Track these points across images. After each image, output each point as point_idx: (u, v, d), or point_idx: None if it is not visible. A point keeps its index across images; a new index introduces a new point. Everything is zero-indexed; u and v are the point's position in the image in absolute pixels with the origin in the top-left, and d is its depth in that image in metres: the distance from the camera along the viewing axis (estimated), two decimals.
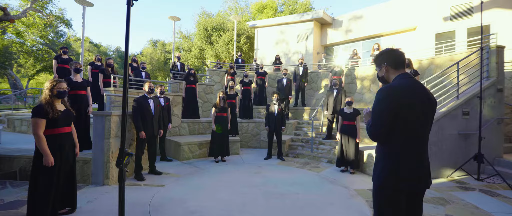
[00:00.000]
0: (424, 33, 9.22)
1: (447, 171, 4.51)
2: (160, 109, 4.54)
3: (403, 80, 1.42)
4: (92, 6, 10.68)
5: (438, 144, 4.45)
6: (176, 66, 8.22)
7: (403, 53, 1.52)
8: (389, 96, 1.37)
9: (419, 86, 1.42)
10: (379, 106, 1.40)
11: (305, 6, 19.02)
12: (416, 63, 6.67)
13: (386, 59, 1.52)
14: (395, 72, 1.50)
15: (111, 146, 3.89)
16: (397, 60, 1.49)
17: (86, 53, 32.33)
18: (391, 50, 1.53)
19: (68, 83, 4.26)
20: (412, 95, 1.37)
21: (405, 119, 1.35)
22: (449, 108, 4.57)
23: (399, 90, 1.37)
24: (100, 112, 3.89)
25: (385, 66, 1.52)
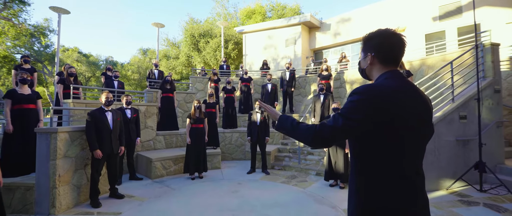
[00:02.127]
0: (414, 34, 8.96)
1: (446, 182, 4.05)
2: (121, 122, 3.98)
3: (391, 81, 0.98)
4: (68, 13, 10.12)
5: (435, 152, 4.00)
6: (153, 74, 7.68)
7: (404, 44, 1.02)
8: (367, 100, 0.92)
9: (412, 88, 0.99)
10: (349, 105, 0.95)
11: (294, 11, 18.84)
12: (407, 64, 6.30)
13: (375, 46, 1.03)
14: (382, 69, 1.03)
15: (57, 169, 3.30)
16: (390, 52, 1.01)
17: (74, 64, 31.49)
18: (387, 33, 1.01)
19: (12, 96, 3.71)
20: (401, 103, 0.92)
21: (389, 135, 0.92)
22: (444, 112, 4.15)
23: (385, 93, 0.92)
24: (43, 129, 3.32)
25: (370, 57, 1.04)
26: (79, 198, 3.63)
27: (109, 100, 3.75)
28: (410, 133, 0.93)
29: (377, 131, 0.92)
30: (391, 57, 1.02)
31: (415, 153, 0.96)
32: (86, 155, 3.71)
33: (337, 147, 4.26)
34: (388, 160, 0.93)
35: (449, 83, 4.50)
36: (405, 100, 0.94)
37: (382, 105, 0.90)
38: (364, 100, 0.92)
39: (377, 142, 0.94)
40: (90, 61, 35.46)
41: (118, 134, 3.87)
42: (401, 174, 0.93)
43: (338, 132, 0.93)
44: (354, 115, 0.92)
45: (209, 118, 6.00)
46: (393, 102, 0.91)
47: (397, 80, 0.98)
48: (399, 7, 9.42)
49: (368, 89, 0.95)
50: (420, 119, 0.96)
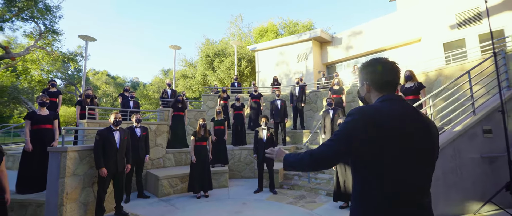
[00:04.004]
0: (431, 44, 8.55)
1: (474, 205, 3.59)
2: (128, 141, 4.12)
3: (386, 103, 1.01)
4: (94, 40, 11.10)
5: (457, 171, 3.60)
6: (166, 93, 8.00)
7: (395, 68, 1.06)
8: (360, 119, 0.94)
9: (411, 112, 0.99)
10: (345, 126, 0.97)
11: (306, 27, 19.06)
12: (422, 75, 5.95)
13: (368, 75, 1.10)
14: (379, 94, 1.08)
15: (66, 187, 3.44)
16: (383, 80, 1.06)
17: (103, 85, 34.00)
18: (378, 63, 1.08)
19: (31, 117, 4.03)
20: (398, 124, 0.93)
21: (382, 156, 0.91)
22: (465, 126, 3.78)
23: (379, 114, 0.95)
24: (54, 148, 3.52)
25: (367, 85, 1.11)
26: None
27: (117, 120, 3.92)
28: (405, 157, 0.91)
29: (371, 152, 0.92)
30: (385, 84, 1.06)
31: (414, 179, 0.92)
32: (94, 173, 3.85)
33: (345, 165, 4.01)
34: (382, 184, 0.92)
35: (468, 93, 4.14)
36: (399, 120, 0.93)
37: (373, 125, 0.91)
38: (358, 120, 0.94)
39: (370, 165, 0.94)
40: (117, 82, 38.20)
41: (124, 153, 3.99)
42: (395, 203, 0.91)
43: (334, 154, 0.96)
44: (347, 135, 0.94)
45: (217, 135, 6.03)
46: (385, 122, 0.92)
47: (392, 103, 1.00)
48: (413, 18, 9.13)
49: (361, 109, 0.97)
50: (417, 142, 0.94)
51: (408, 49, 9.47)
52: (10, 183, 4.07)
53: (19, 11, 8.55)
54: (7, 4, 8.21)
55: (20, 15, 8.79)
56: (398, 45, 9.76)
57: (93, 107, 5.37)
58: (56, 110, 6.25)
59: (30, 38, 10.12)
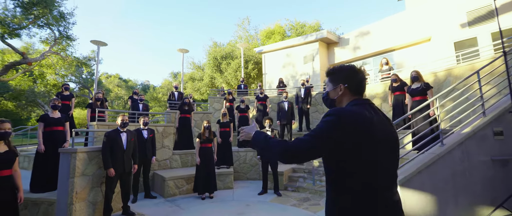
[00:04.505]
0: (441, 43, 8.32)
1: (484, 210, 3.46)
2: (135, 143, 4.24)
3: (360, 107, 1.06)
4: (106, 45, 11.47)
5: (466, 174, 3.49)
6: (173, 96, 8.16)
7: (364, 77, 1.21)
8: (337, 119, 0.99)
9: (380, 117, 1.07)
10: (321, 126, 1.01)
11: (313, 28, 18.96)
12: (431, 76, 5.81)
13: (347, 79, 1.15)
14: (351, 98, 1.15)
15: (75, 186, 3.58)
16: (360, 85, 1.16)
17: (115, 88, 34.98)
18: (354, 69, 1.17)
19: (44, 119, 4.22)
20: (370, 127, 0.99)
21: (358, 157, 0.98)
22: (474, 127, 3.66)
23: (354, 116, 1.00)
24: (65, 149, 3.67)
25: (343, 87, 1.15)
26: (94, 215, 3.84)
27: (124, 122, 4.05)
28: (378, 158, 0.98)
29: (348, 151, 0.97)
30: (359, 89, 1.15)
31: (388, 176, 1.01)
32: (102, 173, 3.98)
33: None
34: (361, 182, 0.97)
35: (477, 94, 4.01)
36: (373, 123, 0.99)
37: (351, 125, 0.96)
38: (335, 120, 0.98)
39: (349, 163, 0.98)
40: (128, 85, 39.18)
41: (131, 154, 4.11)
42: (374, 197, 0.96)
43: (309, 150, 0.97)
44: (325, 134, 0.97)
45: (223, 137, 6.09)
46: (362, 124, 0.97)
47: (365, 106, 1.06)
48: (422, 17, 8.92)
49: (340, 110, 1.02)
50: (389, 143, 1.02)
51: (417, 49, 9.25)
52: (24, 182, 4.28)
53: (35, 19, 9.01)
54: (24, 12, 8.68)
55: (36, 22, 9.27)
56: (406, 45, 9.55)
57: (103, 109, 5.55)
58: (69, 112, 6.52)
59: (46, 44, 10.62)
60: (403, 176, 3.33)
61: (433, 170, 3.40)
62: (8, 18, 8.67)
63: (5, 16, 8.68)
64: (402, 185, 3.29)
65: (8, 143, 2.50)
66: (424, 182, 3.31)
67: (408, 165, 3.66)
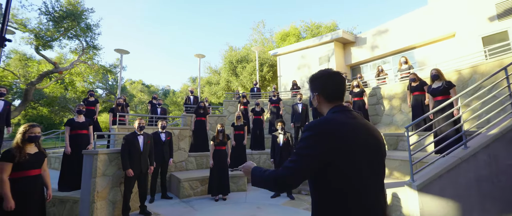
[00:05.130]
0: (466, 39, 7.76)
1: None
2: (151, 145, 4.44)
3: (338, 114, 1.05)
4: (128, 53, 12.15)
5: (493, 179, 3.22)
6: (189, 100, 8.42)
7: (342, 79, 1.13)
8: (316, 134, 0.97)
9: (361, 123, 1.04)
10: (301, 144, 0.99)
11: (330, 29, 18.60)
12: (454, 74, 5.44)
13: (319, 87, 1.14)
14: (329, 104, 1.12)
15: (97, 186, 3.83)
16: (332, 91, 1.11)
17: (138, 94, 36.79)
18: (327, 74, 1.13)
19: (70, 123, 4.56)
20: (351, 135, 0.97)
21: (342, 168, 0.95)
22: (502, 128, 3.37)
23: (333, 126, 0.98)
24: (88, 151, 3.94)
25: (316, 96, 1.15)
26: (114, 213, 4.07)
27: (140, 126, 4.26)
28: (362, 163, 0.95)
29: (332, 164, 0.94)
30: (333, 94, 1.11)
31: (374, 190, 0.98)
32: (121, 174, 4.21)
33: None
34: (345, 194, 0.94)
35: (506, 92, 3.69)
36: (353, 130, 0.98)
37: (331, 138, 0.94)
38: (315, 135, 0.96)
39: (332, 176, 0.95)
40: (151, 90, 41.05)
41: (147, 156, 4.31)
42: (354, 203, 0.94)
43: (295, 175, 0.95)
44: (308, 152, 0.95)
45: (237, 140, 6.17)
46: (342, 134, 0.96)
47: (344, 114, 1.04)
48: (446, 11, 8.40)
49: (318, 124, 0.99)
50: (371, 150, 0.99)
51: (440, 45, 8.71)
52: (53, 181, 4.64)
53: (65, 31, 9.86)
54: (56, 25, 9.53)
55: (66, 34, 10.14)
56: (429, 42, 9.04)
57: (123, 114, 5.89)
58: (94, 117, 6.98)
59: (75, 54, 11.55)
60: (421, 181, 3.16)
61: (455, 174, 3.19)
62: (42, 32, 9.60)
63: (40, 30, 9.62)
64: (420, 190, 3.12)
65: (38, 145, 2.75)
66: (444, 187, 3.11)
67: (428, 169, 3.46)
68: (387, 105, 6.98)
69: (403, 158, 4.60)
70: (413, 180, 3.26)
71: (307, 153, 0.95)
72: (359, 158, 0.95)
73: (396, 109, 6.71)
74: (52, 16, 9.44)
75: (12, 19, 10.48)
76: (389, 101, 6.94)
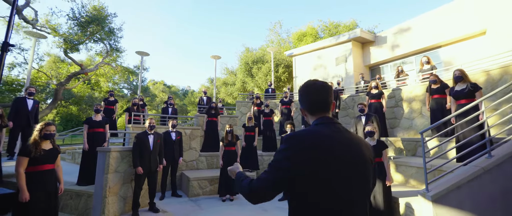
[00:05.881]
0: (498, 36, 7.06)
1: None
2: (161, 144, 4.57)
3: (320, 127, 1.02)
4: (148, 55, 12.70)
5: None
6: (202, 101, 8.58)
7: (322, 89, 1.07)
8: (292, 147, 0.94)
9: (343, 136, 0.99)
10: (277, 157, 0.98)
11: (348, 28, 17.99)
12: (482, 75, 4.97)
13: (301, 100, 1.12)
14: (313, 117, 1.08)
15: (109, 181, 4.01)
16: (310, 103, 1.08)
17: (161, 94, 38.36)
18: (304, 87, 1.10)
19: (88, 122, 4.84)
20: (328, 148, 0.93)
21: (317, 182, 0.90)
22: None
23: (311, 139, 0.95)
24: (101, 148, 4.15)
25: (301, 110, 1.14)
26: (125, 208, 4.24)
27: (151, 125, 4.41)
28: (340, 178, 0.91)
29: (307, 177, 0.90)
30: (315, 107, 1.07)
31: (350, 204, 0.92)
32: (132, 171, 4.38)
33: (375, 178, 3.62)
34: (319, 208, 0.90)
35: None
36: (332, 145, 0.94)
37: (307, 152, 0.91)
38: (289, 149, 0.94)
39: (307, 189, 0.91)
40: (172, 91, 42.60)
41: (157, 154, 4.44)
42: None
43: (271, 186, 0.93)
44: (282, 165, 0.93)
45: (248, 141, 6.17)
46: (318, 147, 0.92)
47: (327, 126, 1.00)
48: (475, 7, 7.72)
49: (292, 137, 0.97)
50: (351, 164, 0.94)
51: (469, 44, 8.01)
52: (74, 175, 4.95)
53: (90, 35, 10.57)
54: (82, 30, 10.27)
55: (91, 38, 10.88)
56: (455, 41, 8.36)
57: (138, 113, 6.14)
58: (113, 115, 7.36)
59: (100, 56, 12.35)
60: (437, 191, 2.91)
61: (476, 185, 2.90)
62: (71, 35, 10.40)
63: (69, 34, 10.43)
64: (435, 201, 2.87)
65: (53, 142, 2.94)
66: (463, 199, 2.84)
67: (446, 178, 3.19)
68: (406, 108, 6.57)
69: (420, 165, 4.29)
70: (427, 189, 3.02)
71: (280, 166, 0.93)
72: (336, 172, 0.90)
73: (416, 112, 6.28)
74: (79, 21, 10.21)
75: (46, 24, 11.47)
76: (408, 103, 6.53)
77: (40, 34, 8.53)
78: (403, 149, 5.62)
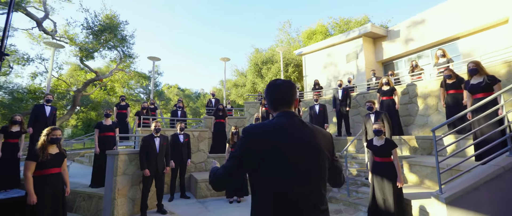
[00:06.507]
0: None
1: None
2: (167, 147, 4.64)
3: (276, 119, 1.12)
4: (159, 60, 13.03)
5: None
6: (210, 103, 8.64)
7: (281, 87, 1.16)
8: (245, 139, 1.06)
9: (297, 127, 1.08)
10: (237, 147, 1.09)
11: (360, 24, 17.45)
12: (503, 66, 4.59)
13: (265, 98, 1.22)
14: (275, 113, 1.18)
15: (117, 184, 4.13)
16: (273, 100, 1.17)
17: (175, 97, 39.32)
18: (268, 86, 1.20)
19: (99, 126, 5.02)
20: (279, 138, 1.02)
21: (269, 171, 1.00)
22: None
23: (262, 131, 1.06)
24: (110, 151, 4.28)
25: (266, 107, 1.14)
26: (133, 210, 4.34)
27: (156, 128, 4.49)
28: (290, 165, 0.99)
29: (260, 167, 1.01)
30: (275, 103, 1.16)
31: (303, 188, 0.99)
32: (140, 173, 4.47)
33: (384, 178, 3.45)
34: (270, 197, 0.98)
35: None
36: (284, 135, 1.02)
37: (259, 141, 1.02)
38: (244, 138, 1.06)
39: (261, 177, 1.02)
40: (185, 94, 43.53)
41: (163, 157, 4.51)
42: (290, 207, 0.97)
43: (228, 172, 1.06)
44: (238, 153, 1.05)
45: None
46: (270, 138, 1.02)
47: (282, 119, 1.09)
48: None
49: (249, 128, 1.08)
50: (300, 151, 1.02)
51: (490, 34, 7.46)
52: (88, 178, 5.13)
53: (104, 43, 11.04)
54: (96, 38, 10.76)
55: (105, 46, 11.36)
56: (475, 31, 7.83)
57: (147, 117, 6.29)
58: (125, 120, 7.59)
59: (114, 62, 12.87)
60: (451, 193, 2.71)
61: (497, 187, 2.67)
62: (86, 44, 10.93)
63: (85, 43, 10.97)
64: (449, 204, 2.68)
65: (59, 146, 3.06)
66: (480, 202, 2.62)
67: (461, 179, 2.96)
68: (421, 104, 6.23)
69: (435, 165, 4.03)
70: (441, 191, 2.82)
71: (237, 155, 1.04)
72: (285, 159, 0.98)
73: (432, 109, 5.94)
74: (92, 30, 10.71)
75: (65, 35, 12.13)
76: (423, 99, 6.19)
77: (58, 44, 9.02)
78: (418, 147, 5.33)
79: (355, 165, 5.85)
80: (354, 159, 6.14)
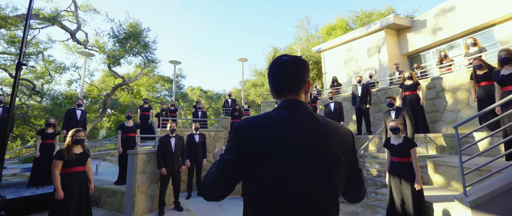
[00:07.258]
0: None
1: None
2: (182, 146, 4.82)
3: (278, 111, 0.87)
4: (179, 63, 13.57)
5: None
6: (227, 103, 8.79)
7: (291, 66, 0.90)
8: (234, 137, 0.84)
9: (306, 122, 0.83)
10: (226, 147, 0.89)
11: (383, 16, 16.49)
12: None
13: (268, 81, 0.96)
14: (279, 100, 0.93)
15: (137, 181, 4.39)
16: (276, 82, 0.91)
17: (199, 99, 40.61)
18: (271, 65, 0.94)
19: (122, 128, 5.36)
20: (274, 137, 0.80)
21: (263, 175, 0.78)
22: None
23: (253, 127, 0.83)
24: (131, 151, 4.56)
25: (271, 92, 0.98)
26: (152, 206, 4.58)
27: (171, 129, 4.68)
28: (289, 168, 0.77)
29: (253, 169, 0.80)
30: (277, 88, 0.92)
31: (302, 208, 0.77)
32: (158, 172, 4.71)
33: (402, 180, 3.24)
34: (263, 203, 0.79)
35: None
36: (279, 134, 0.80)
37: (244, 142, 0.82)
38: (232, 138, 0.85)
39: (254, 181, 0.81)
40: (208, 95, 44.81)
41: (179, 156, 4.70)
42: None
43: (217, 179, 0.84)
44: (227, 156, 0.85)
45: None
46: (264, 136, 0.80)
47: (284, 111, 0.86)
48: None
49: (240, 124, 0.87)
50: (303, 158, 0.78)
51: None
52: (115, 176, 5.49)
53: (129, 49, 11.82)
54: (121, 46, 11.57)
55: (130, 52, 12.15)
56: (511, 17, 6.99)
57: (167, 118, 6.59)
58: (148, 121, 8.03)
59: (139, 68, 13.72)
60: (477, 196, 2.47)
61: None
62: (113, 51, 11.82)
63: (113, 50, 11.87)
64: (474, 208, 2.44)
65: (83, 146, 3.34)
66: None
67: (491, 180, 2.69)
68: (450, 99, 5.72)
69: (465, 165, 3.68)
70: (465, 194, 2.58)
71: (225, 158, 0.84)
72: (281, 170, 0.77)
73: (463, 103, 5.42)
74: (118, 38, 11.54)
75: (96, 44, 13.19)
76: (452, 93, 5.67)
77: (89, 53, 9.83)
78: (445, 146, 4.91)
79: (376, 165, 5.57)
80: (374, 158, 5.84)
